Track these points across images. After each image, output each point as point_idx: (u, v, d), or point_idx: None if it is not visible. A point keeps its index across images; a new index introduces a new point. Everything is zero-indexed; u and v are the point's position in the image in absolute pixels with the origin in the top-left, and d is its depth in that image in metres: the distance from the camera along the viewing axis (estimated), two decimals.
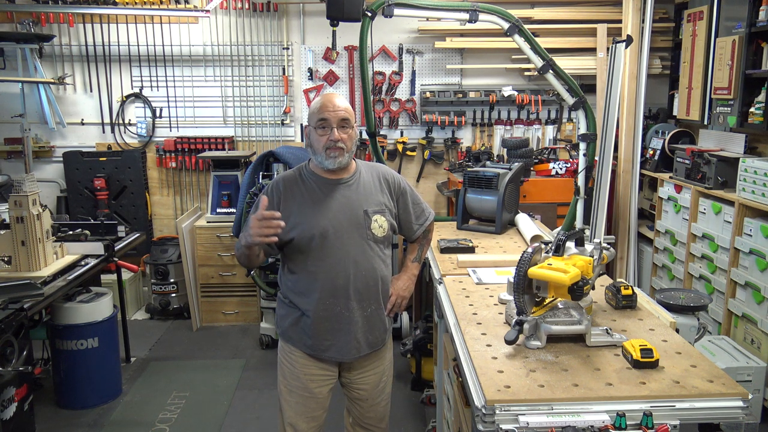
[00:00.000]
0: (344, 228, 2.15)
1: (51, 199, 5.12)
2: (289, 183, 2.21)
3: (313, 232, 2.12)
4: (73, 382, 3.52)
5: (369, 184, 2.24)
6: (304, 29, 5.04)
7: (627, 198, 4.68)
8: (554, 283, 1.76)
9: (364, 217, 2.17)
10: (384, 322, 2.29)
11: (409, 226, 2.36)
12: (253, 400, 3.66)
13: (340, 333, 2.18)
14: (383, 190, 2.27)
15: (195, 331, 4.73)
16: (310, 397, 2.26)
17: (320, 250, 2.14)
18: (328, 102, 2.13)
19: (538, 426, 1.46)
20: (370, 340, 2.25)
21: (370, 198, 2.21)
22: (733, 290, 3.58)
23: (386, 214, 2.23)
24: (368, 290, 2.20)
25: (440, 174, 5.19)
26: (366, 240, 2.18)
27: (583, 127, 3.50)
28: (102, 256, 3.54)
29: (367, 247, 2.18)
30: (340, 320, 2.17)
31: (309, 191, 2.18)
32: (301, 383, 2.25)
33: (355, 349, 2.22)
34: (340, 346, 2.20)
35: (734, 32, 3.77)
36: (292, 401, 2.26)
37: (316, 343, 2.20)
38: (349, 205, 2.17)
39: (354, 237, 2.16)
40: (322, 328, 2.17)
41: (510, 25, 3.37)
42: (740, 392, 1.53)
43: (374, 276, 2.20)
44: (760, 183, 3.37)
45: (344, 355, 2.22)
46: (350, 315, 2.17)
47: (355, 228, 2.16)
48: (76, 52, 5.01)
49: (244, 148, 5.18)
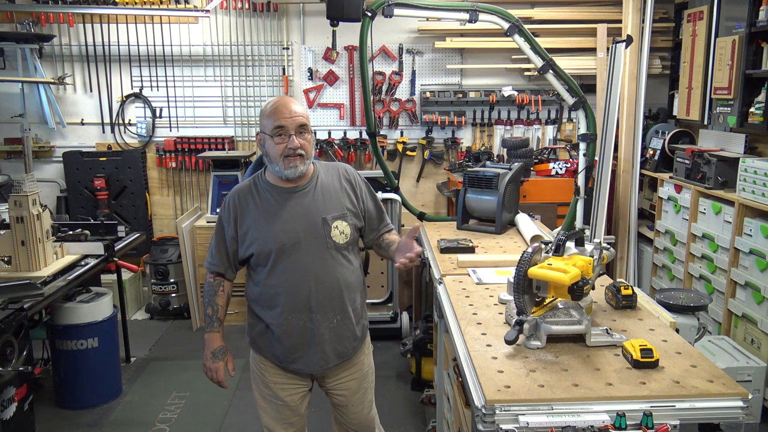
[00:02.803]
0: (302, 240, 2.07)
1: (51, 199, 5.12)
2: (243, 196, 2.13)
3: (270, 248, 2.06)
4: (73, 382, 3.52)
5: (329, 187, 2.15)
6: (304, 29, 5.04)
7: (627, 198, 4.68)
8: (554, 283, 1.76)
9: (323, 225, 2.09)
10: (353, 331, 2.20)
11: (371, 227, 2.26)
12: (253, 400, 3.64)
13: (306, 346, 2.13)
14: (345, 190, 2.18)
15: (195, 331, 4.73)
16: (283, 405, 2.23)
17: (279, 265, 2.07)
18: (283, 107, 2.02)
19: (538, 426, 1.46)
20: (339, 351, 2.18)
21: (329, 204, 2.12)
22: (733, 290, 3.58)
23: (348, 218, 2.14)
24: (331, 302, 2.12)
25: (440, 174, 5.19)
26: (327, 249, 2.09)
27: (583, 127, 3.51)
28: (102, 256, 3.54)
29: (328, 256, 2.10)
30: (304, 333, 2.11)
31: (264, 203, 2.10)
32: (272, 392, 2.22)
33: (323, 360, 2.16)
34: (307, 358, 2.15)
35: (734, 32, 3.77)
36: (267, 407, 2.25)
37: (283, 355, 2.16)
38: (306, 215, 2.09)
39: (312, 248, 2.08)
40: (287, 341, 2.12)
41: (510, 25, 3.37)
42: (740, 392, 1.53)
43: (337, 287, 2.12)
44: (760, 183, 3.37)
45: (311, 367, 2.17)
46: (314, 328, 2.11)
47: (313, 238, 2.08)
48: (76, 52, 5.01)
49: (244, 148, 5.18)
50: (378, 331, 2.81)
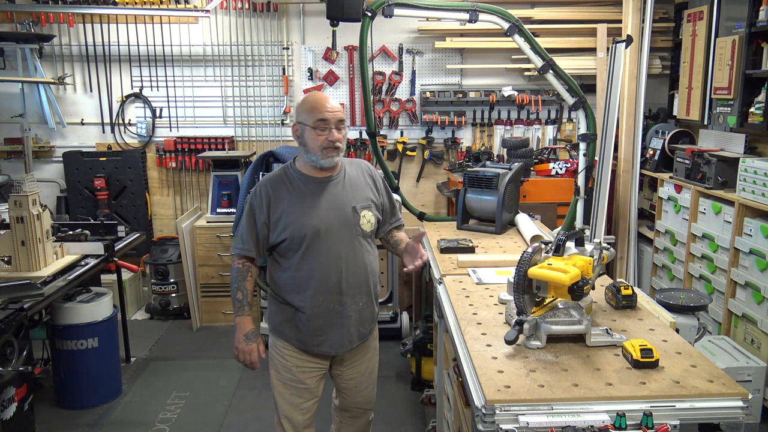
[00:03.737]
0: (334, 226, 2.19)
1: (51, 199, 5.12)
2: (276, 184, 2.23)
3: (304, 232, 2.16)
4: (73, 382, 3.52)
5: (355, 179, 2.29)
6: (304, 29, 5.04)
7: (627, 198, 4.68)
8: (554, 283, 1.76)
9: (353, 213, 2.22)
10: (373, 313, 2.36)
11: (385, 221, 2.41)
12: (253, 400, 3.66)
13: (333, 327, 2.24)
14: (368, 184, 2.32)
15: (195, 331, 4.73)
16: (304, 388, 2.31)
17: (312, 249, 2.17)
18: (324, 102, 2.15)
19: (538, 426, 1.46)
20: (361, 332, 2.32)
21: (357, 194, 2.26)
22: (733, 290, 3.58)
23: (372, 208, 2.28)
24: (359, 285, 2.25)
25: (440, 174, 5.19)
26: (355, 236, 2.23)
27: (583, 127, 3.50)
28: (102, 256, 3.54)
29: (356, 242, 2.23)
30: (333, 315, 2.22)
31: (297, 191, 2.21)
32: (293, 375, 2.29)
33: (348, 341, 2.28)
34: (333, 340, 2.26)
35: (734, 32, 3.77)
36: (286, 393, 2.31)
37: (308, 338, 2.25)
38: (338, 203, 2.21)
39: (344, 234, 2.20)
40: (315, 324, 2.22)
41: (510, 25, 3.37)
42: (740, 392, 1.53)
43: (365, 271, 2.27)
44: (760, 183, 3.37)
45: (336, 349, 2.28)
46: (343, 310, 2.23)
47: (344, 225, 2.21)
48: (76, 52, 5.01)
49: (244, 148, 5.18)
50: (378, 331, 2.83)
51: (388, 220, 2.41)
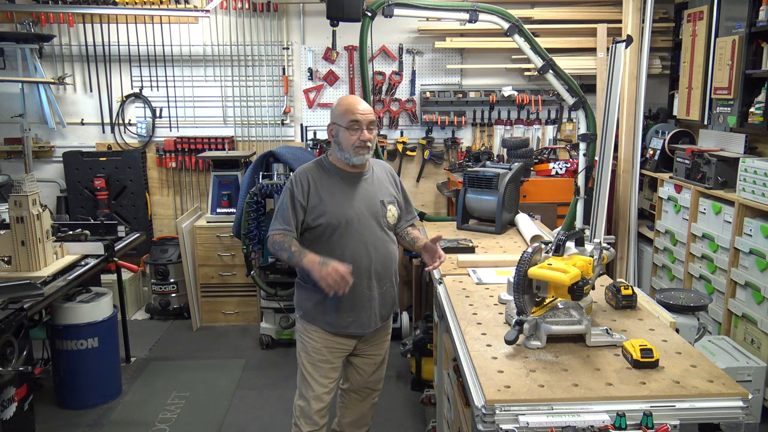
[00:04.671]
0: (365, 216, 2.40)
1: (51, 199, 5.12)
2: (315, 173, 2.42)
3: (340, 220, 2.36)
4: (73, 382, 3.52)
5: (382, 177, 2.53)
6: (304, 29, 5.04)
7: (627, 198, 4.68)
8: (554, 283, 1.76)
9: (381, 206, 2.45)
10: (394, 297, 2.57)
11: (401, 218, 2.61)
12: (253, 400, 3.66)
13: (361, 309, 2.43)
14: (391, 182, 2.56)
15: (195, 331, 4.73)
16: (333, 368, 2.50)
17: (345, 236, 2.37)
18: (356, 105, 2.35)
19: (538, 426, 1.46)
20: (383, 314, 2.52)
21: (383, 190, 2.49)
22: (733, 290, 3.58)
23: (395, 204, 2.52)
24: (386, 271, 2.47)
25: (440, 174, 5.19)
26: (382, 227, 2.45)
27: (583, 127, 3.51)
28: (102, 256, 3.54)
29: (383, 233, 2.46)
30: (362, 298, 2.41)
31: (335, 182, 2.42)
32: (324, 356, 2.47)
33: (373, 322, 2.48)
34: (361, 321, 2.45)
35: (734, 32, 3.77)
36: (316, 375, 2.47)
37: (338, 320, 2.43)
38: (369, 197, 2.43)
39: (372, 224, 2.42)
40: (345, 306, 2.40)
41: (510, 25, 3.37)
42: (740, 392, 1.53)
43: (390, 258, 2.48)
44: (760, 183, 3.37)
45: (364, 329, 2.47)
46: (370, 293, 2.43)
47: (374, 216, 2.42)
48: (76, 52, 5.01)
49: (244, 148, 5.18)
50: None
51: (404, 217, 2.62)
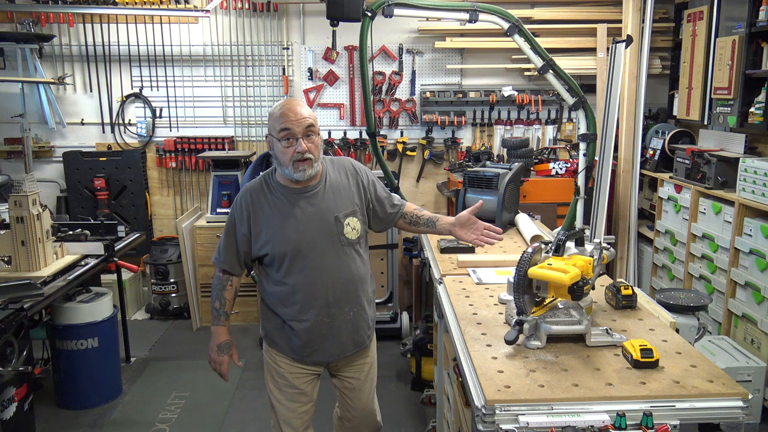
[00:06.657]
0: (317, 239, 2.10)
1: (51, 199, 5.12)
2: (256, 196, 2.15)
3: (284, 249, 2.09)
4: (73, 382, 3.52)
5: (338, 185, 2.18)
6: (304, 29, 5.04)
7: (627, 198, 4.68)
8: (554, 283, 1.76)
9: (336, 223, 2.13)
10: (367, 320, 2.28)
11: (384, 212, 2.31)
12: (253, 400, 3.66)
13: (324, 338, 2.18)
14: (352, 185, 2.21)
15: (195, 331, 4.73)
16: (299, 393, 2.28)
17: (295, 265, 2.11)
18: (288, 110, 2.03)
19: (538, 426, 1.46)
20: (356, 340, 2.26)
21: (339, 202, 2.15)
22: (733, 290, 3.58)
23: (357, 214, 2.18)
24: (348, 296, 2.18)
25: (440, 174, 5.19)
26: (341, 246, 2.14)
27: (583, 127, 3.50)
28: (102, 256, 3.54)
29: (342, 253, 2.15)
30: (322, 327, 2.16)
31: (277, 204, 2.12)
32: (287, 381, 2.26)
33: (340, 350, 2.23)
34: (324, 350, 2.21)
35: (734, 32, 3.77)
36: (281, 398, 2.28)
37: (299, 348, 2.20)
38: (319, 214, 2.12)
39: (327, 246, 2.12)
40: (304, 336, 2.17)
41: (510, 25, 3.36)
42: (740, 392, 1.53)
43: (352, 281, 2.18)
44: (760, 183, 3.37)
45: (329, 357, 2.24)
46: (332, 321, 2.16)
47: (327, 237, 2.12)
48: (76, 52, 5.01)
49: (244, 148, 5.18)
50: (378, 331, 2.83)
51: (388, 211, 2.31)
